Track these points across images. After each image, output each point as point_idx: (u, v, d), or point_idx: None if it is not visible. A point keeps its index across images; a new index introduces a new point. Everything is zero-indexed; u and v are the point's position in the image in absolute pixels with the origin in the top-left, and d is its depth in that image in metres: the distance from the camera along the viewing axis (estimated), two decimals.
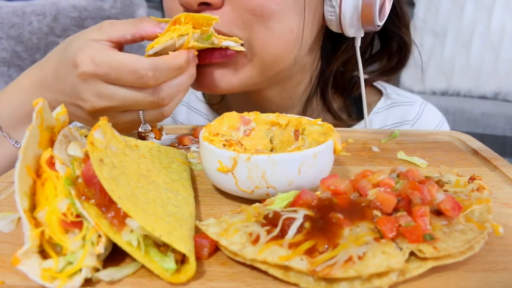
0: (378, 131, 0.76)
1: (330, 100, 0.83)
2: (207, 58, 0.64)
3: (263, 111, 0.81)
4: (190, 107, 0.93)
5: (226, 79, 0.67)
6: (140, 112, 0.58)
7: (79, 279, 0.33)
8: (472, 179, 0.49)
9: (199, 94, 0.93)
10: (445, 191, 0.43)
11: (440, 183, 0.46)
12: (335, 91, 0.86)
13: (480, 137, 0.73)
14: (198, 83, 0.68)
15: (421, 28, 2.28)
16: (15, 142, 0.61)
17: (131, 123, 0.59)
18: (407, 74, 2.27)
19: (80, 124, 0.63)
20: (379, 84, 0.93)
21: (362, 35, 0.71)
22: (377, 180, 0.41)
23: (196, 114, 0.92)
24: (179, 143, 0.66)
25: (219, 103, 0.90)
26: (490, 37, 2.10)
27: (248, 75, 0.68)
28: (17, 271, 0.33)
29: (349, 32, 0.68)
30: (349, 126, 0.86)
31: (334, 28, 0.70)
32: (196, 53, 0.59)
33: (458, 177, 0.48)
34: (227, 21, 0.62)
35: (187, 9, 0.61)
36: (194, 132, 0.68)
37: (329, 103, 0.82)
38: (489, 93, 2.15)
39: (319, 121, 0.53)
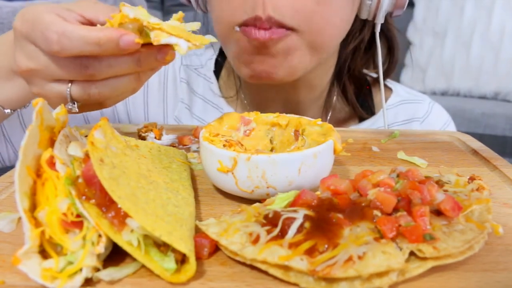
0: (378, 131, 0.76)
1: (349, 88, 0.87)
2: (252, 35, 0.65)
3: (286, 103, 0.83)
4: (206, 100, 0.92)
5: (282, 65, 0.69)
6: (68, 85, 0.50)
7: (79, 279, 0.33)
8: (472, 179, 0.49)
9: (214, 88, 0.92)
10: (445, 191, 0.43)
11: (440, 183, 0.46)
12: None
13: (480, 137, 0.73)
14: (253, 72, 0.71)
15: (421, 28, 2.28)
16: None
17: (58, 97, 0.51)
18: (407, 74, 2.27)
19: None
20: (388, 82, 0.95)
21: (383, 21, 0.74)
22: (377, 180, 0.41)
23: (212, 107, 0.91)
24: (179, 143, 0.66)
25: (232, 97, 0.91)
26: (490, 37, 2.10)
27: (300, 62, 0.70)
28: (18, 270, 0.33)
29: (380, 16, 0.72)
30: (362, 120, 0.89)
31: (364, 13, 0.73)
32: (140, 41, 0.46)
33: (458, 177, 0.48)
34: (290, 6, 0.65)
35: None
36: (194, 132, 0.68)
37: (347, 92, 0.87)
38: (489, 93, 2.15)
39: (318, 121, 0.53)
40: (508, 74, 2.09)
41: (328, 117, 0.90)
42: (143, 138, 0.66)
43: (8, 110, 0.60)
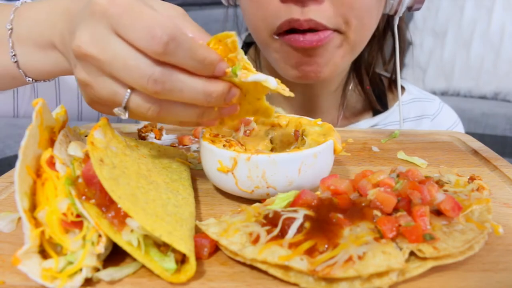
0: (378, 131, 0.76)
1: (365, 78, 0.90)
2: (300, 42, 0.69)
3: (306, 95, 0.86)
4: None
5: (328, 64, 0.74)
6: (127, 91, 0.44)
7: (79, 279, 0.33)
8: (472, 179, 0.49)
9: None
10: (445, 191, 0.43)
11: (440, 183, 0.46)
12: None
13: (480, 137, 0.73)
14: (302, 73, 0.75)
15: (421, 28, 2.28)
16: (14, 54, 0.55)
17: (109, 95, 0.45)
18: (407, 74, 2.27)
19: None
20: (401, 81, 0.97)
21: (401, 14, 0.77)
22: (377, 180, 0.41)
23: None
24: (179, 143, 0.66)
25: None
26: (490, 37, 2.10)
27: (342, 60, 0.75)
28: (18, 271, 0.33)
29: (401, 11, 0.75)
30: (376, 113, 0.93)
31: (387, 8, 0.76)
32: (228, 72, 0.44)
33: (458, 177, 0.48)
34: (327, 15, 0.69)
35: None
36: (194, 132, 0.69)
37: (364, 82, 0.91)
38: (489, 93, 2.14)
39: (318, 121, 0.53)
40: (508, 74, 2.08)
41: (344, 108, 0.92)
42: (143, 138, 0.66)
43: (30, 79, 0.57)
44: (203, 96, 0.44)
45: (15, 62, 0.54)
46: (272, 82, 0.44)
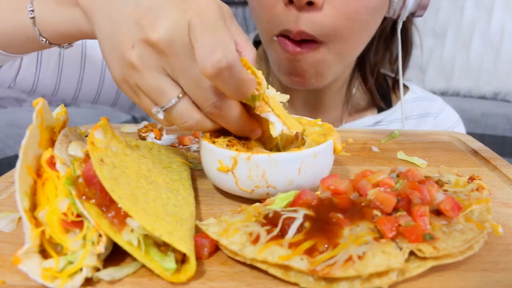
0: (378, 131, 0.76)
1: (369, 77, 0.92)
2: (286, 45, 0.72)
3: (312, 91, 0.88)
4: None
5: (313, 76, 0.77)
6: (179, 94, 0.43)
7: (79, 279, 0.33)
8: (471, 179, 0.49)
9: None
10: (445, 191, 0.44)
11: (439, 183, 0.46)
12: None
13: (480, 137, 0.73)
14: (292, 81, 0.79)
15: (421, 28, 2.28)
16: (32, 10, 0.52)
17: (154, 90, 0.43)
18: (407, 74, 2.26)
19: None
20: (404, 81, 1.01)
21: (405, 19, 0.78)
22: (377, 180, 0.41)
23: None
24: (179, 143, 0.66)
25: None
26: (490, 37, 2.10)
27: (329, 70, 0.77)
28: (18, 270, 0.33)
29: (403, 16, 0.76)
30: (380, 111, 0.95)
31: (390, 12, 0.77)
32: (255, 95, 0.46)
33: (458, 177, 0.48)
34: (320, 26, 0.70)
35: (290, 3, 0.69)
36: (194, 132, 0.69)
37: (368, 80, 0.92)
38: (489, 93, 2.15)
39: (318, 121, 0.53)
40: (508, 74, 2.09)
41: (349, 106, 0.94)
42: (143, 138, 0.66)
43: (44, 39, 0.54)
44: (236, 127, 0.48)
45: (32, 18, 0.52)
46: (278, 128, 0.47)
